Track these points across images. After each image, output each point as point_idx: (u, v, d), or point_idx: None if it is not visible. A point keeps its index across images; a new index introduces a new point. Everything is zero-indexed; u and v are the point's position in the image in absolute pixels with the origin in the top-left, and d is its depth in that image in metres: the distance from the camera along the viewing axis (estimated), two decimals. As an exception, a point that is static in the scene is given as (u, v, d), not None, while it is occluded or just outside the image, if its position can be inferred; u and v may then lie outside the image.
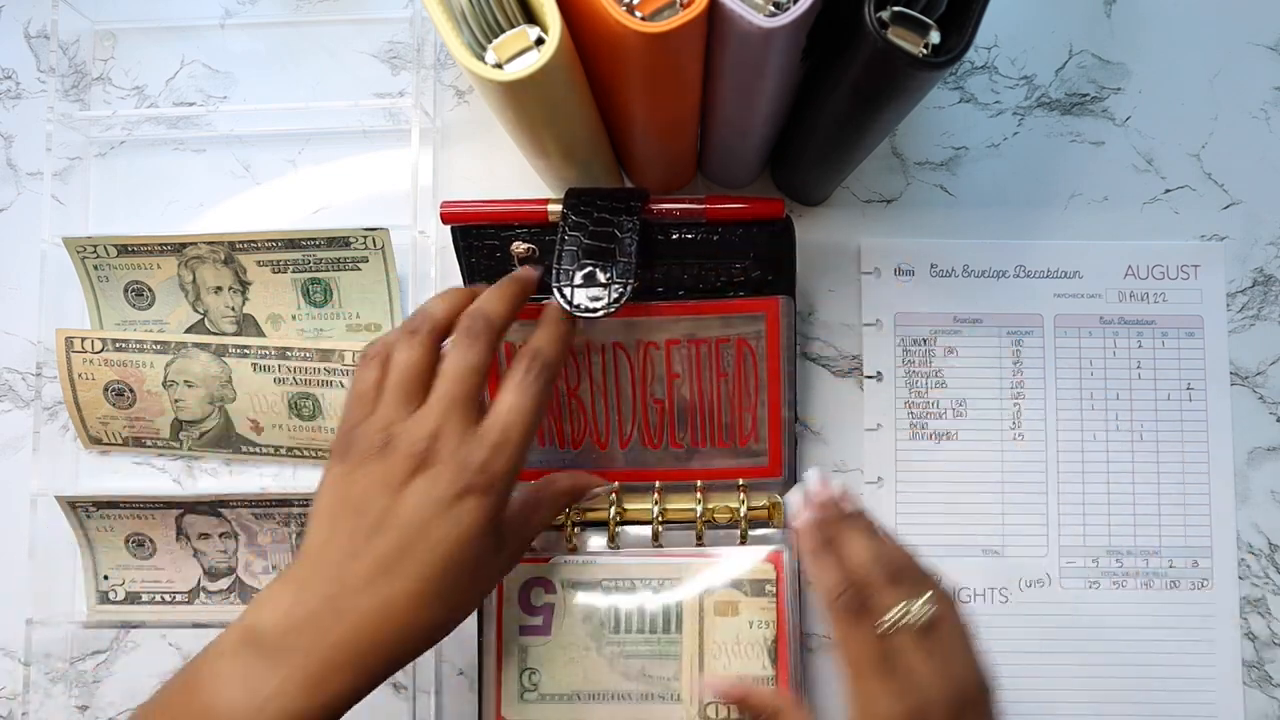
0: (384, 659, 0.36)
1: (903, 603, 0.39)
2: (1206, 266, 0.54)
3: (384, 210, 0.56)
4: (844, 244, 0.55)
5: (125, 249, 0.54)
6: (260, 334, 0.55)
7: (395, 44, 0.57)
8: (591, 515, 0.51)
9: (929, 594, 0.39)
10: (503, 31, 0.36)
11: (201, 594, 0.55)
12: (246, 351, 0.53)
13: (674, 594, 0.50)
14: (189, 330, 0.55)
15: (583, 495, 0.49)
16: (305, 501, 0.53)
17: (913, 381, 0.54)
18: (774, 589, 0.49)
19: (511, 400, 0.39)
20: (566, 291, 0.45)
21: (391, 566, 0.36)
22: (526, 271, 0.45)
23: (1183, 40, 0.55)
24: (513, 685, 0.49)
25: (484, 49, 0.36)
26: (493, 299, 0.42)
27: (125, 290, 0.55)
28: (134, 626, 0.55)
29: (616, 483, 0.51)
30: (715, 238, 0.49)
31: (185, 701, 0.36)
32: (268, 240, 0.53)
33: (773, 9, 0.35)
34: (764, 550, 0.50)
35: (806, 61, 0.39)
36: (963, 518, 0.53)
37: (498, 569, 0.42)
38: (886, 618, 0.38)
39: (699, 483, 0.52)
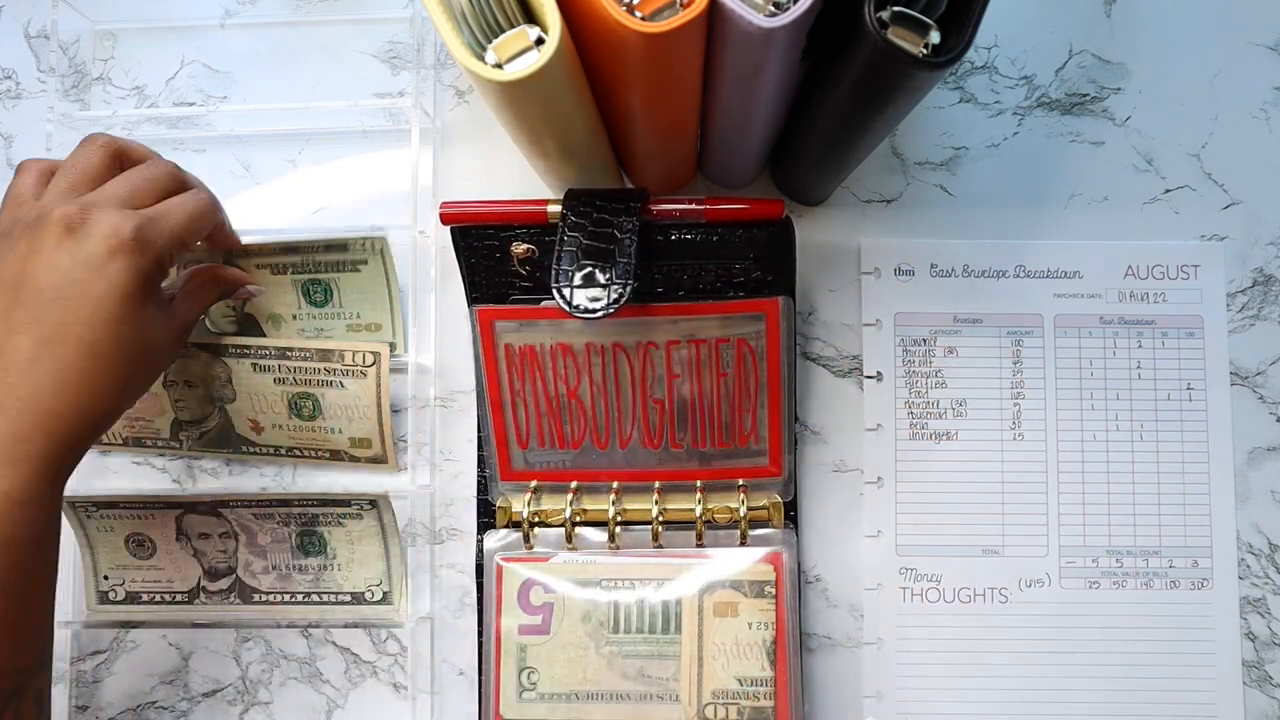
0: (70, 424, 0.37)
1: None
2: (1206, 266, 0.54)
3: (384, 210, 0.56)
4: (844, 244, 0.55)
5: (125, 249, 0.54)
6: (260, 334, 0.55)
7: (395, 44, 0.57)
8: (591, 515, 0.51)
9: None
10: (503, 31, 0.36)
11: (201, 594, 0.55)
12: (246, 351, 0.53)
13: (673, 594, 0.50)
14: (189, 330, 0.55)
15: (233, 288, 0.51)
16: (306, 501, 0.53)
17: (913, 381, 0.54)
18: (773, 590, 0.49)
19: (177, 200, 0.41)
20: (566, 292, 0.45)
21: (51, 336, 0.37)
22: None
23: (1183, 40, 0.55)
24: (511, 685, 0.49)
25: (484, 49, 0.36)
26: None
27: (125, 290, 0.55)
28: (134, 626, 0.55)
29: (256, 286, 0.53)
30: (715, 238, 0.49)
31: None
32: (267, 244, 0.53)
33: (773, 9, 0.35)
34: (763, 551, 0.50)
35: (806, 61, 0.39)
36: (963, 518, 0.53)
37: (160, 344, 0.43)
38: None
39: (699, 483, 0.52)
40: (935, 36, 0.35)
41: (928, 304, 0.54)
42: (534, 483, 0.52)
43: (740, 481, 0.52)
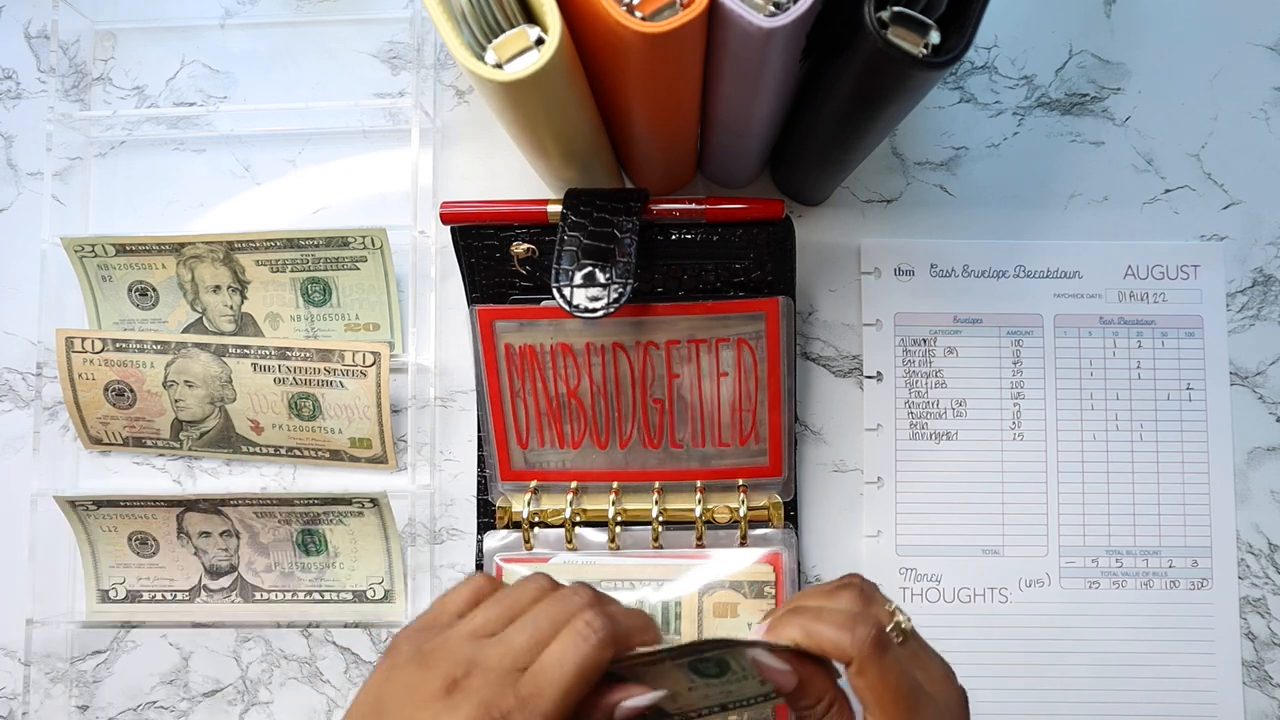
0: None
1: (892, 611, 0.37)
2: (1206, 266, 0.54)
3: (384, 210, 0.56)
4: (844, 244, 0.55)
5: (124, 249, 0.54)
6: (259, 333, 0.55)
7: (395, 44, 0.57)
8: (591, 515, 0.51)
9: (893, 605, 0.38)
10: (503, 31, 0.36)
11: (203, 592, 0.55)
12: (246, 351, 0.54)
13: (673, 595, 0.50)
14: (187, 329, 0.55)
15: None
16: (306, 501, 0.53)
17: (913, 381, 0.54)
18: (773, 590, 0.49)
19: (557, 654, 0.36)
20: (566, 292, 0.45)
21: None
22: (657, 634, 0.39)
23: (1183, 40, 0.55)
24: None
25: (484, 49, 0.36)
26: (635, 617, 0.38)
27: (130, 290, 0.55)
28: (134, 626, 0.55)
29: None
30: (715, 238, 0.49)
31: None
32: (266, 240, 0.53)
33: (773, 9, 0.35)
34: (763, 551, 0.50)
35: (806, 61, 0.39)
36: (963, 518, 0.53)
37: None
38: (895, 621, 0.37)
39: (699, 483, 0.52)
40: (935, 36, 0.35)
41: (928, 304, 0.54)
42: (534, 483, 0.52)
43: (740, 481, 0.52)
